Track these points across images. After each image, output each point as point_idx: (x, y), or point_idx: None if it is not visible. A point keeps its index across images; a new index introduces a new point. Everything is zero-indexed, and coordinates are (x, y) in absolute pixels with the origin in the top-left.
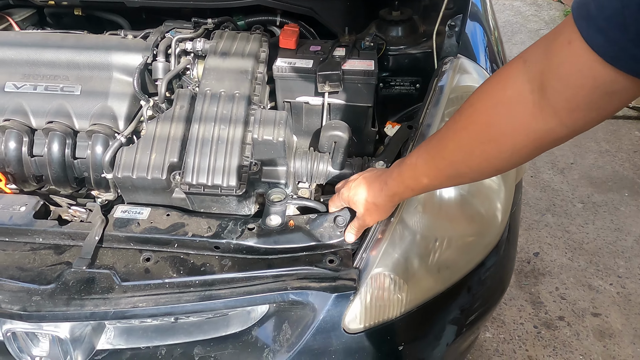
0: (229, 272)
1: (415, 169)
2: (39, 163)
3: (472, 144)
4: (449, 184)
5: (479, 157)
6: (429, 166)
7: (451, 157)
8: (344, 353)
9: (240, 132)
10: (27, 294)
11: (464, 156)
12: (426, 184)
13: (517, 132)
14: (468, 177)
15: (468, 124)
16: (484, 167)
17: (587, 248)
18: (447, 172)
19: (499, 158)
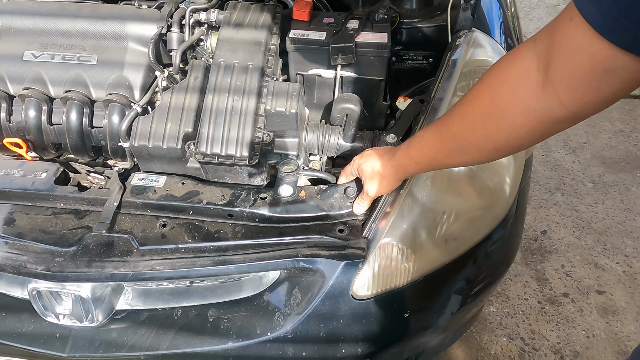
0: (242, 239)
1: (422, 141)
2: (57, 131)
3: (475, 118)
4: (451, 160)
5: (479, 131)
6: (434, 139)
7: (455, 130)
8: (352, 318)
9: (253, 104)
10: (51, 256)
11: (466, 129)
12: (430, 157)
13: (517, 109)
14: (469, 153)
15: (474, 97)
16: (483, 143)
17: (595, 227)
18: (450, 145)
19: (498, 136)
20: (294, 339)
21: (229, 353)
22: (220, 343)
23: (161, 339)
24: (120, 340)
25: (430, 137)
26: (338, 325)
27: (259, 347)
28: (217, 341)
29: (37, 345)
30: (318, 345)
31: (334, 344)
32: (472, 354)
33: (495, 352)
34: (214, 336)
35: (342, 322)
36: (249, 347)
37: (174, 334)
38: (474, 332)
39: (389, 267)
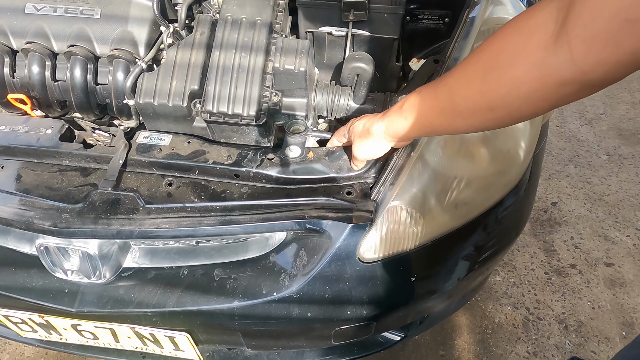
0: (248, 199)
1: (417, 96)
2: (62, 88)
3: (476, 70)
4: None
5: (476, 85)
6: (429, 93)
7: (452, 83)
8: (358, 281)
9: (261, 61)
10: (57, 212)
11: (463, 83)
12: (420, 114)
13: (522, 63)
14: (460, 113)
15: (481, 49)
16: (477, 99)
17: (607, 200)
18: (443, 101)
19: (495, 91)
20: (300, 299)
21: (235, 312)
22: (226, 302)
23: (168, 296)
24: (127, 297)
25: (427, 91)
26: (344, 287)
27: (265, 307)
28: (223, 300)
29: (46, 299)
30: (323, 306)
31: (339, 305)
32: (476, 322)
33: (500, 321)
34: (220, 295)
35: (348, 285)
36: (255, 307)
37: (180, 292)
38: (478, 300)
39: (396, 231)
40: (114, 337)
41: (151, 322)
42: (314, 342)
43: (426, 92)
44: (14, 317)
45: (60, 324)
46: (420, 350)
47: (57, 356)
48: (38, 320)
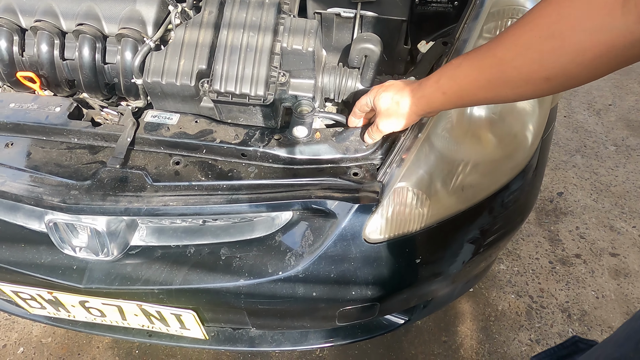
0: (255, 179)
1: (457, 68)
2: (70, 67)
3: (531, 40)
4: (486, 93)
5: (533, 55)
6: (472, 65)
7: (502, 54)
8: (363, 261)
9: (269, 41)
10: (66, 188)
11: (517, 53)
12: (462, 87)
13: (587, 28)
14: (512, 84)
15: (535, 17)
16: (534, 70)
17: (614, 190)
18: (491, 73)
19: (556, 61)
20: (305, 279)
21: (241, 290)
22: (232, 280)
23: (174, 274)
24: (134, 275)
25: (469, 64)
26: (349, 267)
27: (270, 286)
28: (229, 278)
29: (55, 275)
30: (328, 286)
31: (344, 285)
32: (480, 309)
33: (503, 308)
34: (226, 273)
35: (353, 265)
36: (260, 285)
37: (187, 270)
38: (482, 288)
39: (402, 212)
40: (121, 315)
41: (158, 299)
42: (319, 322)
43: (468, 64)
44: (23, 293)
45: (69, 301)
46: (423, 336)
47: (65, 335)
48: (47, 296)
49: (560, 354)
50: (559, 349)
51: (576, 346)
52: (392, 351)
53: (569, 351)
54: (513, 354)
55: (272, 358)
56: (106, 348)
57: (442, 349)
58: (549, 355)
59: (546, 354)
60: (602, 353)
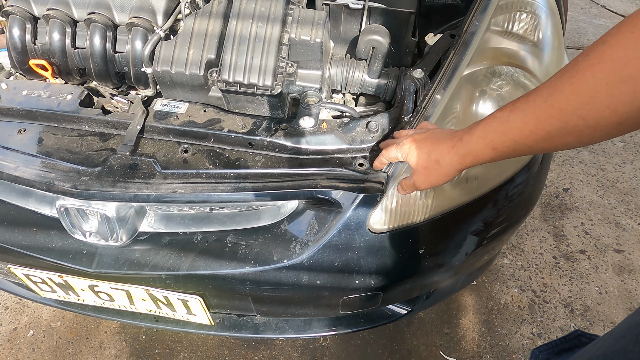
0: (261, 168)
1: (506, 123)
2: (81, 55)
3: (596, 86)
4: (547, 144)
5: (602, 103)
6: (526, 119)
7: (563, 105)
8: (367, 251)
9: (277, 31)
10: (77, 174)
11: (582, 102)
12: (517, 141)
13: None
14: (578, 133)
15: (597, 62)
16: (605, 117)
17: (620, 187)
18: (552, 125)
19: (630, 105)
20: (309, 267)
21: (246, 277)
22: (238, 267)
23: (182, 260)
24: (143, 260)
25: (521, 117)
26: (353, 256)
27: (275, 273)
28: (235, 265)
29: (65, 260)
30: (332, 274)
31: (348, 274)
32: (482, 302)
33: (505, 302)
34: (232, 260)
35: (357, 254)
36: (266, 272)
37: (194, 256)
38: (485, 282)
39: (407, 203)
40: (129, 299)
41: (165, 284)
42: (322, 310)
43: (520, 117)
44: (34, 277)
45: (78, 285)
46: (425, 328)
47: (74, 319)
48: (57, 280)
49: (562, 347)
50: (560, 342)
51: (578, 340)
52: (394, 342)
53: (571, 345)
54: (515, 347)
55: (275, 346)
56: (114, 333)
57: (444, 341)
58: (551, 348)
59: (548, 346)
60: (603, 345)
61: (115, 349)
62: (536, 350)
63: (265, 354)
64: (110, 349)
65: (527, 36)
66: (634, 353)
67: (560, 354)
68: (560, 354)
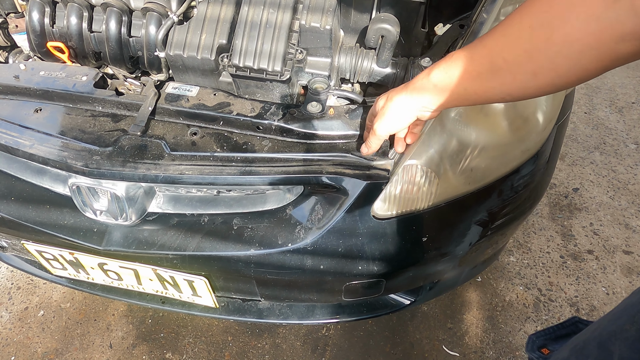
0: (269, 152)
1: (449, 61)
2: (97, 39)
3: (521, 29)
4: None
5: (522, 45)
6: (464, 57)
7: (492, 44)
8: (371, 236)
9: (288, 18)
10: (89, 154)
11: (506, 43)
12: (452, 79)
13: (576, 16)
14: (500, 77)
15: (525, 7)
16: (522, 62)
17: (631, 189)
18: (481, 65)
19: (543, 52)
20: (313, 251)
21: (251, 259)
22: (243, 249)
23: (189, 241)
24: (151, 239)
25: (461, 55)
26: (357, 242)
27: (280, 256)
28: (240, 247)
29: (76, 237)
30: (336, 259)
31: (351, 260)
32: (487, 299)
33: (510, 299)
34: (238, 243)
35: (361, 240)
36: (270, 256)
37: (200, 237)
38: (490, 278)
39: (411, 190)
40: (137, 279)
41: (172, 264)
42: (325, 296)
43: (460, 56)
44: (46, 253)
45: (88, 262)
46: (428, 322)
47: (83, 302)
48: (68, 257)
49: (559, 334)
50: (558, 328)
51: (576, 326)
52: (397, 334)
53: (568, 331)
54: (518, 344)
55: (279, 334)
56: (121, 316)
57: (447, 335)
58: (548, 334)
59: (545, 332)
60: (598, 327)
61: (122, 331)
62: (533, 336)
63: (269, 341)
64: (117, 331)
65: None
66: (631, 332)
67: (557, 340)
68: (557, 340)
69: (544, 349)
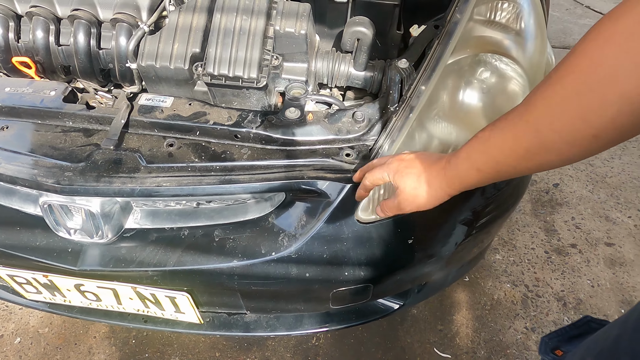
0: (248, 160)
1: (487, 141)
2: (66, 52)
3: (566, 97)
4: (527, 163)
5: (573, 113)
6: (504, 137)
7: (537, 119)
8: (355, 241)
9: (262, 24)
10: (60, 170)
11: (554, 115)
12: (498, 161)
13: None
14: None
15: (564, 73)
16: (577, 130)
17: (609, 182)
18: (528, 142)
19: (601, 115)
20: (298, 259)
21: (234, 271)
22: (226, 261)
23: (168, 256)
24: (129, 257)
25: (499, 135)
26: (341, 247)
27: (263, 266)
28: (222, 259)
29: (50, 258)
30: (321, 266)
31: (337, 266)
32: (475, 298)
33: (499, 297)
34: (220, 255)
35: (346, 245)
36: (254, 266)
37: (181, 251)
38: (478, 277)
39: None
40: (116, 299)
41: (152, 281)
42: (313, 305)
43: (499, 135)
44: (19, 277)
45: (64, 284)
46: (419, 325)
47: (62, 325)
48: (42, 280)
49: (572, 334)
50: (570, 328)
51: (588, 326)
52: (388, 340)
53: (581, 331)
54: (509, 342)
55: (268, 347)
56: (103, 338)
57: (438, 337)
58: (560, 335)
59: (557, 333)
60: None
61: (105, 354)
62: (546, 338)
63: (258, 354)
64: (99, 354)
65: (509, 25)
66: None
67: (570, 340)
68: (570, 341)
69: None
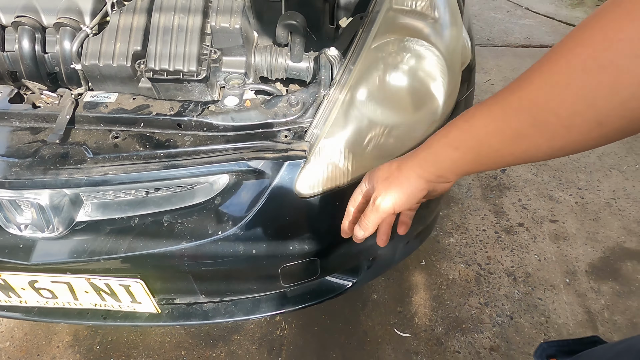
0: (190, 146)
1: (471, 119)
2: (11, 58)
3: (573, 74)
4: (514, 146)
5: (577, 92)
6: (490, 114)
7: (532, 95)
8: (297, 215)
9: (199, 21)
10: (7, 166)
11: (554, 92)
12: (480, 140)
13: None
14: (549, 132)
15: (573, 46)
16: (578, 112)
17: (551, 164)
18: (518, 122)
19: (610, 100)
20: (244, 237)
21: (184, 252)
22: (175, 244)
23: (119, 243)
24: (81, 248)
25: (486, 112)
26: (284, 223)
27: (212, 246)
28: (172, 242)
29: (1, 255)
30: (267, 242)
31: (282, 241)
32: (432, 280)
33: (454, 277)
34: (169, 238)
35: (288, 220)
36: (202, 246)
37: (131, 238)
38: (434, 260)
39: (329, 169)
40: (72, 294)
41: (105, 270)
42: (265, 284)
43: (486, 112)
44: None
45: (18, 283)
46: (379, 309)
47: (24, 338)
48: None
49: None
50: (575, 343)
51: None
52: (351, 325)
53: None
54: (464, 317)
55: (233, 342)
56: (66, 347)
57: (398, 319)
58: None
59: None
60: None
61: None
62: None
63: (224, 349)
64: None
65: (426, 12)
66: None
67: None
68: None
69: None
